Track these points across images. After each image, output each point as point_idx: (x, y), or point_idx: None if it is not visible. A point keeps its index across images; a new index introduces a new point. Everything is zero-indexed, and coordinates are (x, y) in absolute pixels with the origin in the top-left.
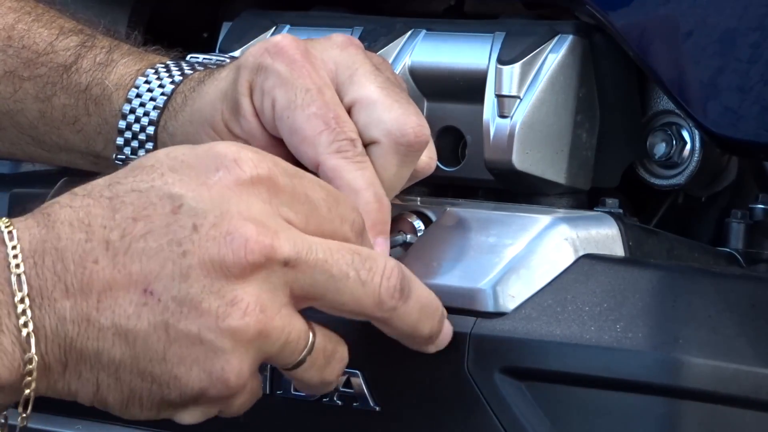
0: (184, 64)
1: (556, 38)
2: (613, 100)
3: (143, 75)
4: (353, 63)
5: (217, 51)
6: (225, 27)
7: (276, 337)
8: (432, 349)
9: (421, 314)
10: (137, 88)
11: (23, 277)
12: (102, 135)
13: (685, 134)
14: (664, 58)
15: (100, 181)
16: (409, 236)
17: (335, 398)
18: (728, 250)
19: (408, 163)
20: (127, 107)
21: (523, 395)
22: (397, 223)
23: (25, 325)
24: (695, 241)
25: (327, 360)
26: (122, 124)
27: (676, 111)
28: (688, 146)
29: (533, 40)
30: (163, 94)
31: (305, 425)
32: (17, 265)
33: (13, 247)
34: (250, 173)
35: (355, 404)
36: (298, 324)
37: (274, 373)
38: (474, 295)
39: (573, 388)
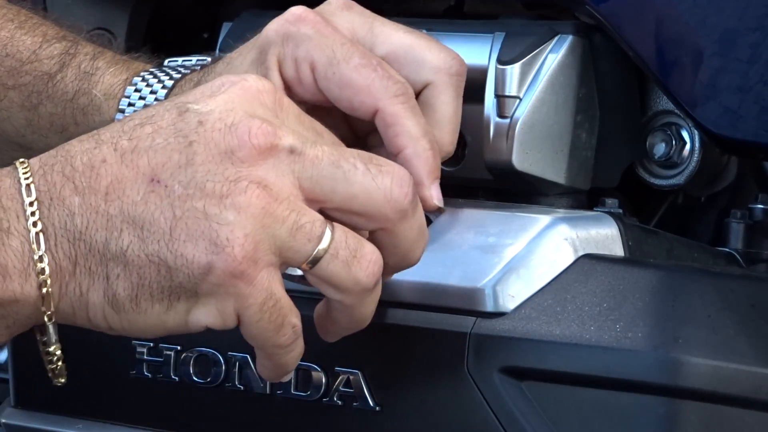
0: (168, 69)
1: (556, 38)
2: (613, 100)
3: (131, 84)
4: (364, 19)
5: (217, 51)
6: (225, 27)
7: (283, 218)
8: (386, 277)
9: (418, 235)
10: (128, 97)
11: (32, 186)
12: None
13: (685, 134)
14: (663, 58)
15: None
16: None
17: (335, 398)
18: (728, 250)
19: (459, 96)
20: (120, 117)
21: (523, 395)
22: None
23: (35, 225)
24: (695, 241)
25: (352, 254)
26: None
27: (676, 111)
28: (688, 146)
29: (533, 41)
30: (156, 99)
31: (305, 425)
32: (27, 177)
33: (24, 167)
34: (254, 84)
35: (355, 404)
36: (309, 212)
37: None
38: (474, 295)
39: (573, 387)
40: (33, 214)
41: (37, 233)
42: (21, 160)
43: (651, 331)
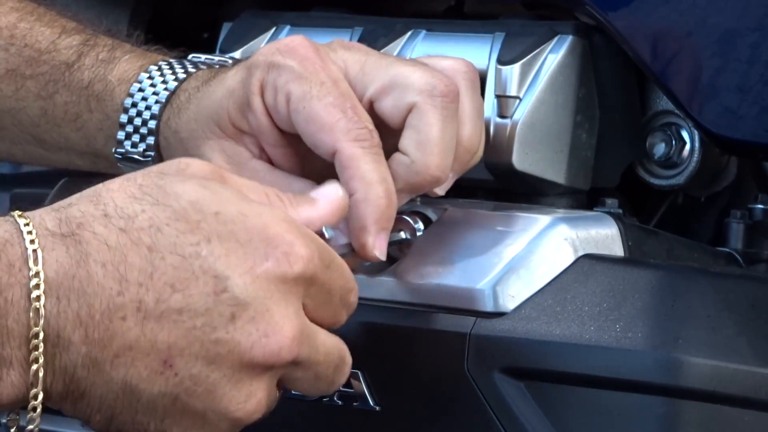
0: (186, 63)
1: (556, 39)
2: (613, 100)
3: (146, 71)
4: (358, 57)
5: (217, 51)
6: (225, 27)
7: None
8: None
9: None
10: (140, 82)
11: (42, 312)
12: (103, 131)
13: (685, 134)
14: (663, 58)
15: (137, 210)
16: (408, 235)
17: (335, 398)
18: (728, 250)
19: (449, 119)
20: (128, 101)
21: (523, 395)
22: (397, 222)
23: (36, 360)
24: (695, 241)
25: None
26: (124, 117)
27: (676, 111)
28: (688, 146)
29: (533, 41)
30: (166, 89)
31: (305, 425)
32: (38, 297)
33: (36, 274)
34: (297, 272)
35: (355, 404)
36: (275, 397)
37: None
38: (474, 295)
39: (573, 387)
40: (36, 348)
41: (36, 369)
42: (33, 244)
43: (651, 331)
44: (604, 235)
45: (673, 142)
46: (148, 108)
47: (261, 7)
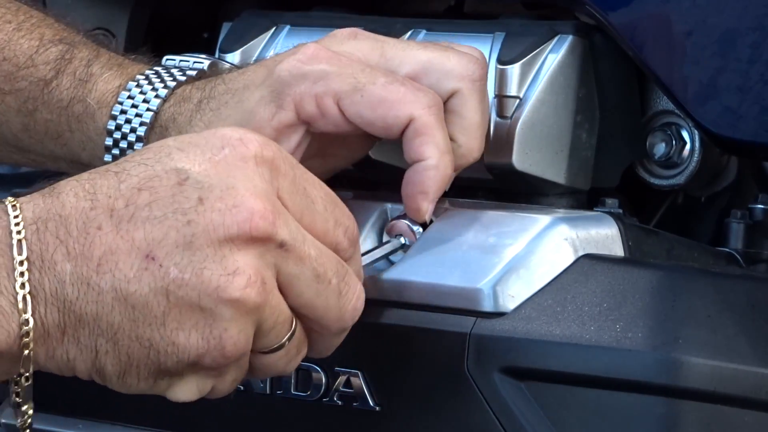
0: (164, 74)
1: (556, 38)
2: (613, 101)
3: (126, 89)
4: (374, 44)
5: (217, 51)
6: (225, 27)
7: (270, 314)
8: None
9: (340, 341)
10: (121, 104)
11: (24, 243)
12: (87, 151)
13: (685, 134)
14: (664, 58)
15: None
16: (406, 239)
17: (335, 398)
18: (728, 250)
19: (484, 100)
20: (112, 124)
21: (523, 395)
22: (397, 223)
23: (23, 286)
24: (695, 241)
25: (297, 350)
26: (109, 141)
27: (676, 111)
28: (688, 146)
29: (533, 41)
30: (149, 109)
31: (305, 425)
32: (18, 232)
33: (15, 217)
34: (254, 151)
35: (355, 404)
36: (285, 309)
37: None
38: (474, 295)
39: (573, 388)
40: (22, 274)
41: (24, 296)
42: (12, 201)
43: (651, 331)
44: (604, 235)
45: (674, 142)
46: (133, 130)
47: (261, 7)
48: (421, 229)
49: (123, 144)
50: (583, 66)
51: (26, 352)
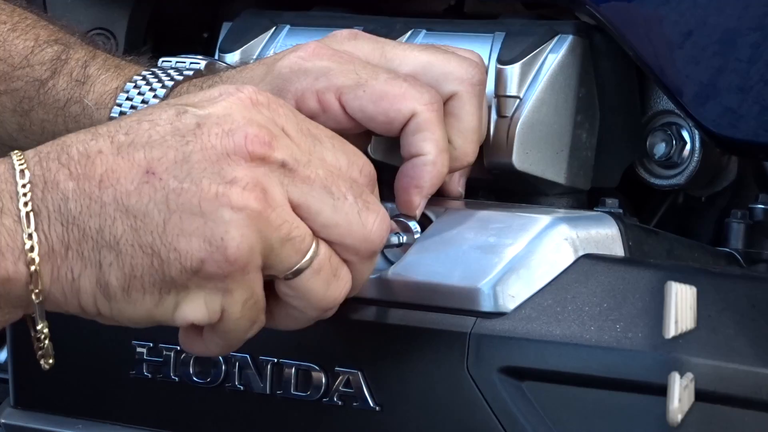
0: (161, 74)
1: (556, 38)
2: (613, 100)
3: (124, 91)
4: (374, 45)
5: (216, 51)
6: (225, 27)
7: (277, 225)
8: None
9: (369, 276)
10: (120, 105)
11: (27, 171)
12: None
13: (685, 134)
14: (664, 58)
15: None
16: (406, 237)
17: (335, 398)
18: (728, 250)
19: (482, 105)
20: None
21: (523, 395)
22: (397, 223)
23: (26, 204)
24: (695, 241)
25: (333, 272)
26: None
27: (676, 111)
28: (688, 146)
29: (533, 40)
30: None
31: (305, 425)
32: (21, 163)
33: (19, 157)
34: (250, 94)
35: (355, 404)
36: (300, 224)
37: (273, 373)
38: (474, 295)
39: (573, 388)
40: (25, 195)
41: (27, 213)
42: (16, 151)
43: (651, 331)
44: (605, 235)
45: (674, 142)
46: None
47: (261, 6)
48: (419, 229)
49: None
50: (583, 66)
51: (32, 268)
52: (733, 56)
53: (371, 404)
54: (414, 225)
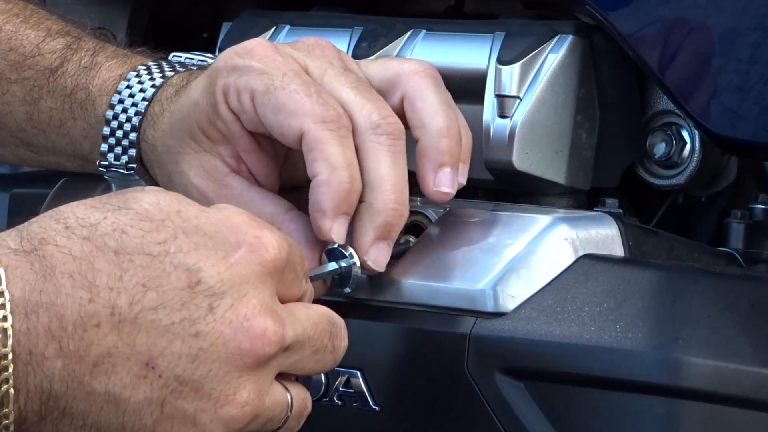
0: (165, 65)
1: (556, 38)
2: (613, 100)
3: (125, 79)
4: (321, 64)
5: (217, 51)
6: (225, 27)
7: (264, 417)
8: None
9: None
10: (119, 93)
11: (10, 332)
12: (88, 139)
13: (685, 134)
14: (664, 58)
15: (98, 217)
16: (344, 262)
17: (335, 398)
18: (728, 250)
19: (396, 155)
20: (110, 113)
21: (523, 395)
22: (329, 253)
23: (6, 381)
24: (695, 241)
25: (300, 413)
26: (106, 130)
27: (676, 111)
28: (688, 146)
29: (533, 40)
30: (144, 99)
31: (305, 425)
32: (4, 317)
33: (1, 293)
34: (273, 255)
35: (355, 404)
36: (280, 397)
37: None
38: (474, 296)
39: (573, 388)
40: (5, 369)
41: (6, 390)
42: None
43: (651, 331)
44: (605, 235)
45: (674, 142)
46: (128, 120)
47: (261, 6)
48: (353, 252)
49: (119, 133)
50: (583, 66)
51: None
52: (733, 56)
53: (371, 404)
54: (350, 250)
